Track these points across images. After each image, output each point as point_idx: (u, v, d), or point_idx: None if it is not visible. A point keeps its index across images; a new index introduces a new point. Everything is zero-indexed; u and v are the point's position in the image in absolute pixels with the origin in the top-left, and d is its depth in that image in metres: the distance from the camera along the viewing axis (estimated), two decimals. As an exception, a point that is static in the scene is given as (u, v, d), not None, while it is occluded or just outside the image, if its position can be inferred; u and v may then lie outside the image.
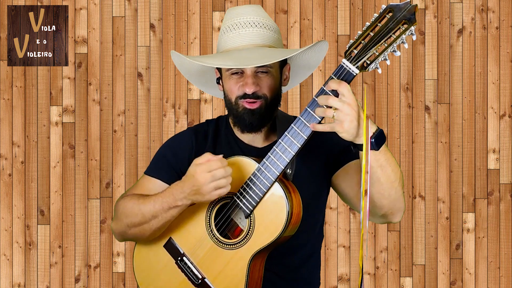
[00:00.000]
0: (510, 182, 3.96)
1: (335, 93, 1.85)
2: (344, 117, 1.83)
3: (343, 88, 1.83)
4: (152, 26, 3.98)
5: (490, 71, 3.96)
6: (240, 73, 2.11)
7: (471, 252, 3.97)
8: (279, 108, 2.22)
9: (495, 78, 3.96)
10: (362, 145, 1.88)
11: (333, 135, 2.22)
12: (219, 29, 3.96)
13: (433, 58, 3.97)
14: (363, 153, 1.87)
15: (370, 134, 1.87)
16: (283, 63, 2.20)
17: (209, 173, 1.95)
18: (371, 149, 1.88)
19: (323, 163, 2.18)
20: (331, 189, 2.25)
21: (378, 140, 1.89)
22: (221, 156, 1.98)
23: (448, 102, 3.97)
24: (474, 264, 3.97)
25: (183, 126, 3.95)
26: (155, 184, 2.21)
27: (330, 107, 1.85)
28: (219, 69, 2.19)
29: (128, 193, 2.23)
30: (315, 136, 1.95)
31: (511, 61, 3.96)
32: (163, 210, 2.06)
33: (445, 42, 3.97)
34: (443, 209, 3.96)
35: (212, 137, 2.24)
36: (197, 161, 1.98)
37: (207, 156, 1.97)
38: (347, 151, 2.14)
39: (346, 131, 1.85)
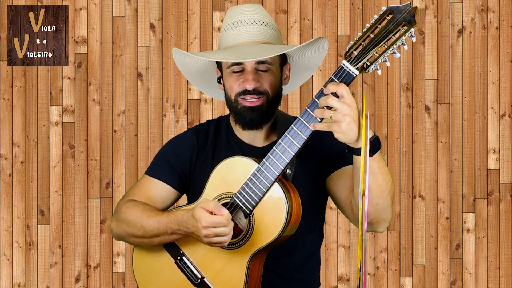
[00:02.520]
0: (510, 182, 3.96)
1: (335, 96, 1.85)
2: (342, 117, 1.82)
3: (342, 89, 1.83)
4: (152, 26, 3.98)
5: (490, 71, 3.96)
6: (240, 70, 2.12)
7: (471, 252, 3.97)
8: (279, 108, 2.22)
9: (495, 78, 3.96)
10: (358, 149, 1.88)
11: (333, 138, 2.22)
12: (219, 29, 3.97)
13: (433, 58, 3.97)
14: (361, 155, 1.87)
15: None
16: (284, 62, 2.20)
17: (213, 228, 1.96)
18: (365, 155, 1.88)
19: (321, 164, 2.18)
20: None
21: (373, 146, 1.89)
22: (226, 212, 1.96)
23: (448, 102, 3.97)
24: (474, 264, 3.97)
25: (183, 126, 3.95)
26: (156, 185, 2.22)
27: (330, 108, 1.85)
28: (220, 68, 2.20)
29: (130, 194, 2.23)
30: (315, 137, 1.95)
31: (511, 61, 3.96)
32: (166, 233, 2.09)
33: (445, 42, 3.97)
34: (443, 209, 3.96)
35: (213, 137, 2.25)
36: (204, 205, 1.98)
37: (212, 205, 1.96)
38: (344, 156, 2.14)
39: (343, 132, 1.84)
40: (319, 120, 1.89)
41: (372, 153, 1.89)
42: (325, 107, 1.86)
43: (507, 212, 3.97)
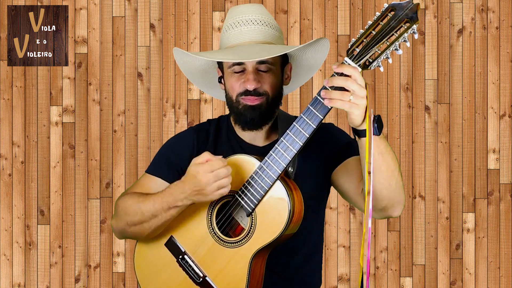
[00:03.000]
0: (510, 182, 3.96)
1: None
2: (360, 100, 1.82)
3: (357, 73, 1.82)
4: (152, 26, 3.98)
5: (490, 71, 3.97)
6: (241, 70, 2.12)
7: (471, 252, 3.97)
8: (280, 107, 2.22)
9: (495, 78, 3.96)
10: (363, 131, 1.87)
11: (333, 133, 2.21)
12: (219, 29, 3.97)
13: (433, 58, 3.97)
14: (365, 142, 1.86)
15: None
16: (285, 62, 2.20)
17: (211, 173, 1.95)
18: (373, 134, 1.88)
19: (324, 161, 2.18)
20: (331, 188, 2.25)
21: (379, 125, 1.89)
22: (220, 156, 1.97)
23: (448, 102, 3.97)
24: (474, 264, 3.97)
25: (183, 126, 3.95)
26: (156, 183, 2.21)
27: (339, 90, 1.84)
28: (221, 68, 2.20)
29: (129, 191, 2.23)
30: (316, 134, 1.95)
31: (511, 61, 3.96)
32: (163, 209, 2.06)
33: (445, 42, 3.98)
34: (443, 209, 3.96)
35: (213, 136, 2.24)
36: (196, 160, 1.98)
37: (206, 155, 1.97)
38: (347, 148, 2.15)
39: (361, 115, 1.84)
40: (322, 117, 1.89)
41: (379, 131, 1.88)
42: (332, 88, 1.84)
43: (507, 212, 3.97)
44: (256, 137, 2.20)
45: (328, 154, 2.17)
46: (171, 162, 2.22)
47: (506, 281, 3.97)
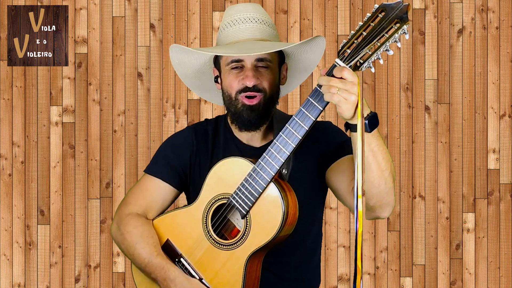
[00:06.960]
0: (510, 182, 3.96)
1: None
2: (346, 94, 1.82)
3: (347, 73, 1.82)
4: (152, 26, 3.98)
5: (490, 71, 3.96)
6: (240, 67, 2.12)
7: (471, 252, 3.96)
8: (277, 107, 2.22)
9: (495, 78, 3.96)
10: (353, 126, 1.87)
11: (328, 133, 2.21)
12: (219, 29, 3.96)
13: (433, 58, 3.97)
14: (356, 137, 1.86)
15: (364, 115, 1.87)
16: (281, 61, 2.21)
17: None
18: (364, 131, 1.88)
19: (319, 160, 2.18)
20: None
21: (371, 122, 1.88)
22: None
23: (448, 102, 3.97)
24: (474, 264, 3.96)
25: (183, 126, 3.95)
26: (157, 185, 2.21)
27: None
28: (218, 67, 2.20)
29: (131, 196, 2.21)
30: (312, 134, 1.96)
31: (511, 61, 3.96)
32: (150, 272, 2.12)
33: (445, 42, 3.97)
34: (443, 209, 3.96)
35: (212, 136, 2.25)
36: None
37: None
38: (342, 147, 2.15)
39: (344, 110, 1.84)
40: (314, 118, 1.89)
41: (371, 129, 1.88)
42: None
43: (507, 212, 3.96)
44: (253, 138, 2.20)
45: (322, 153, 2.18)
46: (171, 163, 2.22)
47: (506, 281, 3.96)
